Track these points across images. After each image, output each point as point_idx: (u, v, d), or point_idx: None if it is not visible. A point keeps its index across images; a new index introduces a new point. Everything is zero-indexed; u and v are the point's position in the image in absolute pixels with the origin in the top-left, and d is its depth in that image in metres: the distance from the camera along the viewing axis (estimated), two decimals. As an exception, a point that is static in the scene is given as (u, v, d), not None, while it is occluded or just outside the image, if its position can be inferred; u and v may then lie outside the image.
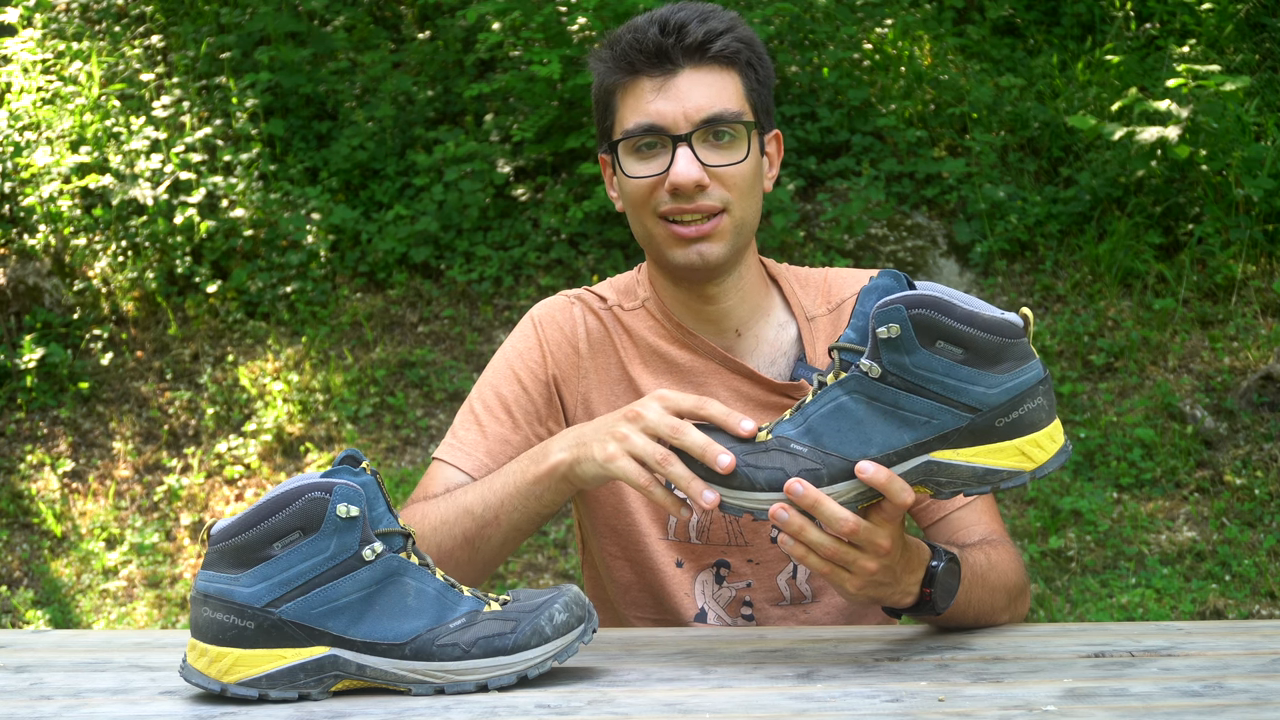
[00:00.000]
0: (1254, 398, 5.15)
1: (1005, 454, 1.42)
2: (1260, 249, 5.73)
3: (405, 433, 5.45)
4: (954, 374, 1.40)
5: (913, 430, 1.42)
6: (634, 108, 1.77)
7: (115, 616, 4.75)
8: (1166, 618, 4.34)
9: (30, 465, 5.36)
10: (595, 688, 1.44)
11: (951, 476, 1.43)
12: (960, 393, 1.40)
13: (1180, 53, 6.47)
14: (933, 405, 1.41)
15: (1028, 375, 1.41)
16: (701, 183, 1.74)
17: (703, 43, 1.75)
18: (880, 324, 1.40)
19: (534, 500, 1.67)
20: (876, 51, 6.71)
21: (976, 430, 1.41)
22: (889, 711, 1.33)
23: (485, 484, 1.72)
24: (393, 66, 6.77)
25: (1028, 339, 1.42)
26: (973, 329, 1.39)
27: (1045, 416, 1.43)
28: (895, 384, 1.41)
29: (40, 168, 6.03)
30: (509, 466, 1.71)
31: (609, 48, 1.81)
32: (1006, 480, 1.42)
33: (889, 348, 1.40)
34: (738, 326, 1.86)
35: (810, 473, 1.43)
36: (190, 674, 1.44)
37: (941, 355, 1.40)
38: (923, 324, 1.39)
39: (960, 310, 1.39)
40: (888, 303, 1.40)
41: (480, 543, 1.71)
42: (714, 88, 1.76)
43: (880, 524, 1.46)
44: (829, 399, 1.44)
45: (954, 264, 5.90)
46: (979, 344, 1.40)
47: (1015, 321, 1.41)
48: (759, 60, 1.81)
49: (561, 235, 6.03)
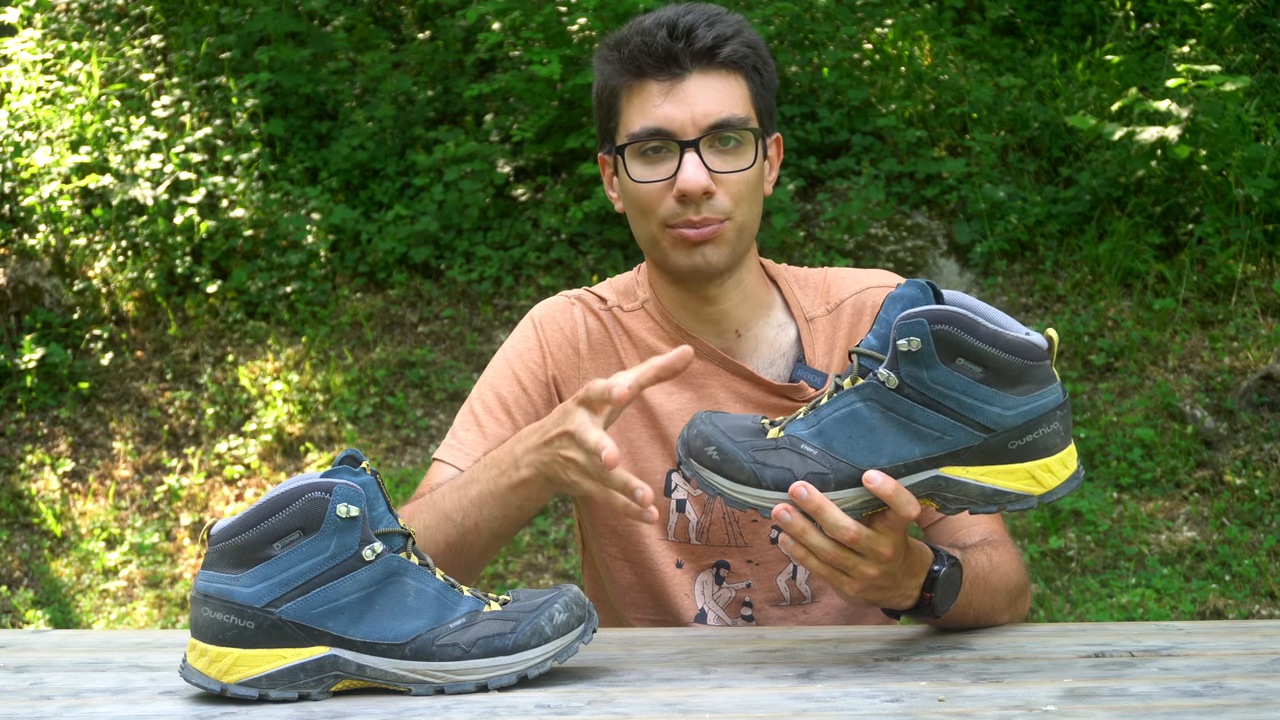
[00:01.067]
0: (1254, 398, 5.15)
1: (1015, 476, 1.41)
2: (1260, 249, 5.73)
3: (405, 433, 5.45)
4: (971, 392, 1.38)
5: (924, 444, 1.41)
6: (641, 111, 1.76)
7: (115, 616, 4.75)
8: (1166, 618, 4.33)
9: (30, 465, 5.36)
10: (595, 688, 1.44)
11: (959, 494, 1.42)
12: (976, 411, 1.39)
13: (1180, 53, 6.47)
14: (947, 421, 1.40)
15: (1047, 400, 1.40)
16: (709, 189, 1.73)
17: (712, 47, 1.74)
18: (901, 336, 1.38)
19: (514, 508, 1.68)
20: (876, 51, 6.71)
21: (989, 450, 1.40)
22: (889, 711, 1.33)
23: (460, 491, 1.72)
24: (393, 66, 6.76)
25: (1050, 361, 1.40)
26: (995, 349, 1.38)
27: (1060, 441, 1.42)
28: (911, 396, 1.40)
29: (40, 168, 6.02)
30: (480, 474, 1.70)
31: (616, 49, 1.79)
32: (1014, 503, 1.41)
33: (908, 360, 1.39)
34: (737, 328, 1.86)
35: (817, 476, 1.43)
36: (190, 674, 1.44)
37: (960, 373, 1.38)
38: (945, 340, 1.38)
39: (984, 329, 1.38)
40: (911, 315, 1.38)
41: (464, 548, 1.72)
42: (722, 93, 1.75)
43: (883, 532, 1.45)
44: (844, 404, 1.43)
45: (954, 264, 5.89)
46: (1000, 364, 1.38)
47: (1040, 344, 1.39)
48: (764, 65, 1.80)
49: (561, 235, 6.03)
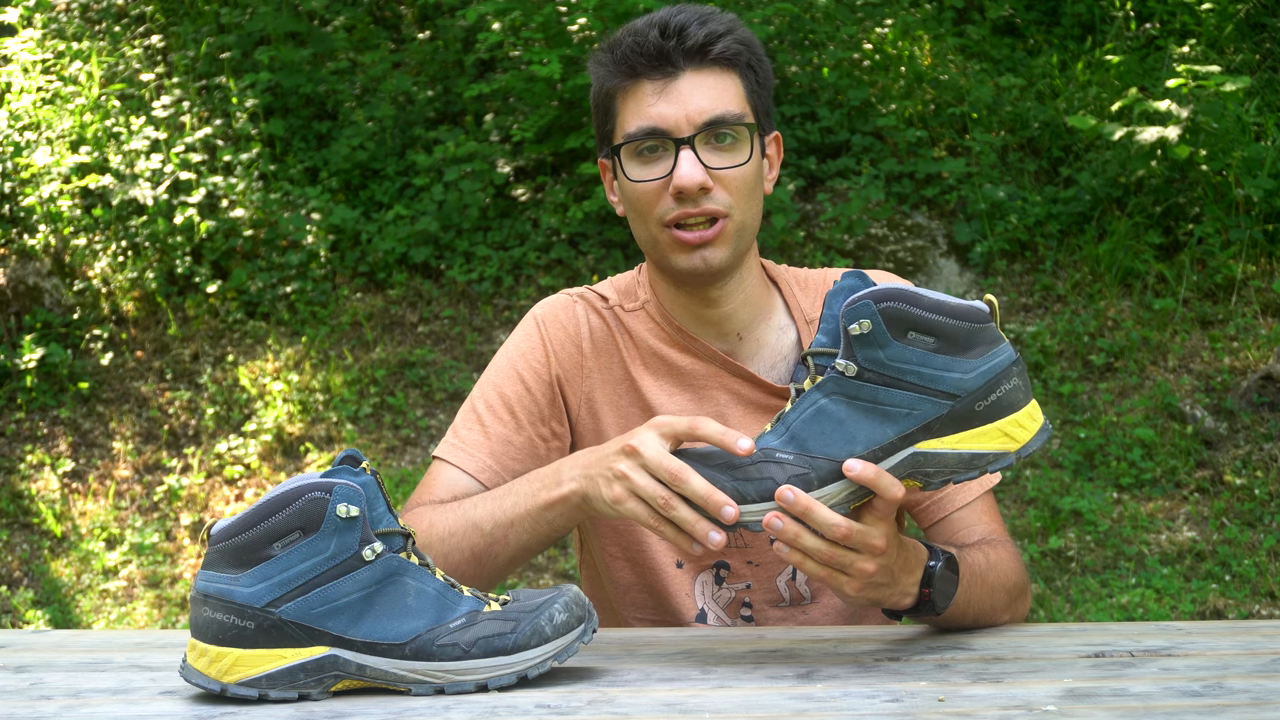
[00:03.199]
0: (1254, 398, 5.15)
1: (989, 437, 1.43)
2: (1260, 249, 5.73)
3: (405, 433, 5.45)
4: (929, 363, 1.41)
5: (895, 424, 1.43)
6: (635, 111, 1.76)
7: (115, 616, 4.75)
8: (1166, 618, 4.33)
9: (30, 465, 5.36)
10: (595, 688, 1.44)
11: (939, 465, 1.44)
12: (937, 380, 1.41)
13: (1180, 53, 6.47)
14: (912, 396, 1.42)
15: (1000, 358, 1.43)
16: (705, 185, 1.73)
17: (703, 45, 1.75)
18: (851, 321, 1.41)
19: (545, 525, 1.65)
20: (876, 51, 6.71)
21: (957, 416, 1.42)
22: (889, 711, 1.33)
23: (495, 500, 1.69)
24: (393, 66, 6.76)
25: (995, 323, 1.44)
26: (941, 316, 1.41)
27: (1023, 397, 1.45)
28: (872, 379, 1.42)
29: (40, 168, 6.03)
30: (519, 486, 1.68)
31: (608, 51, 1.80)
32: (993, 463, 1.44)
33: (862, 344, 1.41)
34: (739, 330, 1.86)
35: (800, 478, 1.44)
36: (190, 674, 1.44)
37: (914, 345, 1.41)
38: (893, 316, 1.41)
39: (928, 300, 1.41)
40: (856, 299, 1.41)
41: (488, 560, 1.70)
42: (715, 90, 1.75)
43: (873, 523, 1.46)
44: (808, 404, 1.45)
45: (954, 264, 5.89)
46: (949, 331, 1.41)
47: (982, 308, 1.43)
48: (759, 62, 1.80)
49: (561, 235, 6.03)
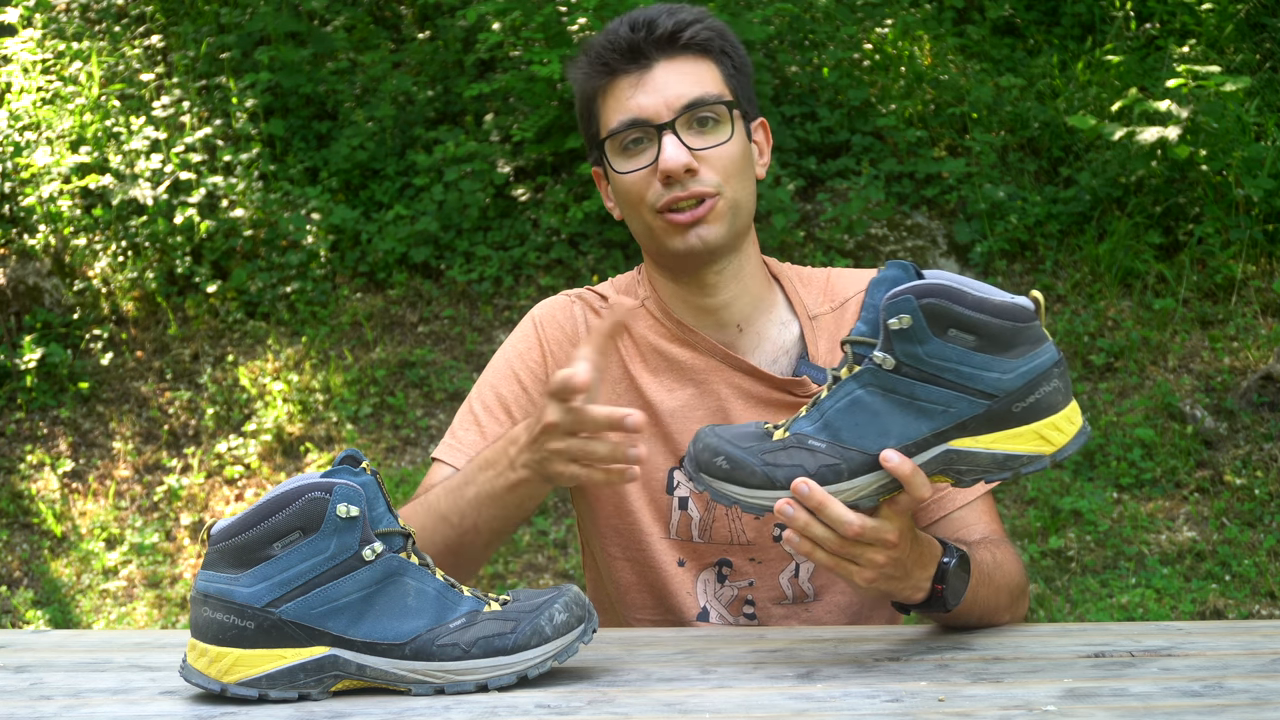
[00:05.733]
0: (1254, 398, 5.15)
1: (1024, 439, 1.41)
2: (1260, 249, 5.73)
3: (405, 433, 5.45)
4: (968, 361, 1.39)
5: (930, 420, 1.41)
6: (615, 106, 1.80)
7: (115, 616, 4.74)
8: (1166, 618, 4.33)
9: (30, 465, 5.36)
10: (595, 688, 1.44)
11: (972, 464, 1.42)
12: (975, 379, 1.39)
13: (1180, 53, 6.46)
14: (949, 394, 1.40)
15: (1043, 359, 1.40)
16: (690, 167, 1.75)
17: (673, 33, 1.79)
18: (891, 315, 1.39)
19: (512, 506, 1.69)
20: (876, 51, 6.70)
21: (994, 416, 1.40)
22: (889, 711, 1.33)
23: (456, 493, 1.72)
24: (393, 66, 6.76)
25: (1040, 322, 1.41)
26: (984, 315, 1.38)
27: (1062, 399, 1.42)
28: (910, 374, 1.40)
29: (40, 168, 6.02)
30: (475, 474, 1.70)
31: (584, 54, 1.84)
32: (1027, 465, 1.42)
33: (901, 338, 1.39)
34: (739, 321, 1.86)
35: (830, 468, 1.43)
36: (190, 674, 1.44)
37: (954, 343, 1.39)
38: (934, 313, 1.38)
39: (970, 297, 1.39)
40: (897, 293, 1.39)
41: (464, 548, 1.73)
42: (691, 75, 1.79)
43: (889, 517, 1.45)
44: (844, 393, 1.43)
45: (954, 264, 5.90)
46: (991, 330, 1.39)
47: (1026, 305, 1.40)
48: (733, 49, 1.84)
49: (561, 235, 6.03)
